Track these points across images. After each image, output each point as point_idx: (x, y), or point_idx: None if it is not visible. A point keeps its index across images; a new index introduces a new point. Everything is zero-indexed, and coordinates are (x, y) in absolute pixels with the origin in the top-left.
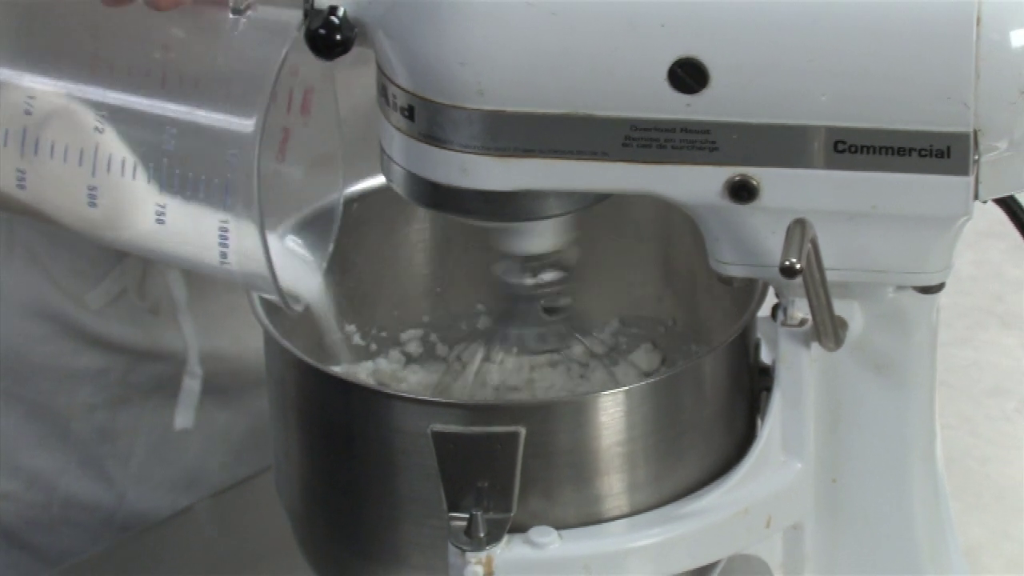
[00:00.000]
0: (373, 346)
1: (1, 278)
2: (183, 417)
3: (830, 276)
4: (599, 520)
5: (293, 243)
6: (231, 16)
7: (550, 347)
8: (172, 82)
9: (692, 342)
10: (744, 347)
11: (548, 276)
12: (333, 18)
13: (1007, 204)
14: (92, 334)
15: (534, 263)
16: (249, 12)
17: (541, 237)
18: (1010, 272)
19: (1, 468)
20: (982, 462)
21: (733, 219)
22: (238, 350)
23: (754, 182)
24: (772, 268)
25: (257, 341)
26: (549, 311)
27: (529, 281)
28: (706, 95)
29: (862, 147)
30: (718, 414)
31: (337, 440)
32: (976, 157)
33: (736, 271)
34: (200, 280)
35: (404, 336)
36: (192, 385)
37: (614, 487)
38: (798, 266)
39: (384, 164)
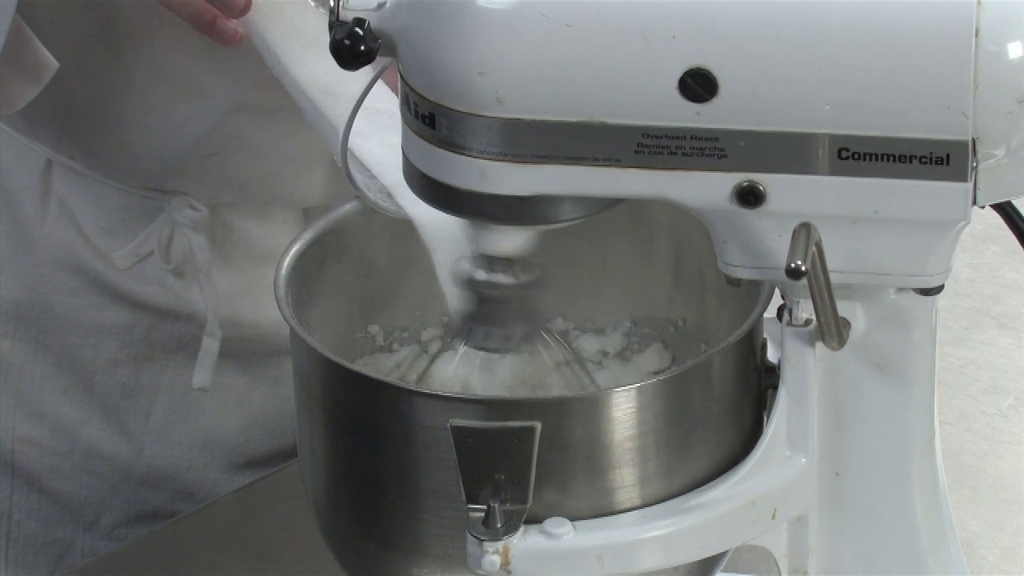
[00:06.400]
0: (396, 345)
1: (34, 229)
2: (201, 376)
3: (834, 278)
4: (611, 512)
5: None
6: None
7: (512, 348)
8: None
9: (701, 342)
10: (751, 346)
11: (511, 278)
12: (358, 29)
13: (1004, 209)
14: (118, 291)
15: (500, 263)
16: None
17: (506, 239)
18: (1006, 275)
19: (27, 414)
20: (978, 457)
21: (741, 223)
22: (256, 319)
23: (761, 187)
24: (778, 270)
25: (275, 312)
26: (514, 312)
27: (492, 279)
28: (715, 104)
29: (865, 154)
30: (726, 410)
31: (360, 434)
32: (974, 164)
33: (744, 273)
34: (224, 248)
35: (424, 335)
36: (211, 345)
37: (626, 480)
38: (803, 268)
39: (405, 169)
